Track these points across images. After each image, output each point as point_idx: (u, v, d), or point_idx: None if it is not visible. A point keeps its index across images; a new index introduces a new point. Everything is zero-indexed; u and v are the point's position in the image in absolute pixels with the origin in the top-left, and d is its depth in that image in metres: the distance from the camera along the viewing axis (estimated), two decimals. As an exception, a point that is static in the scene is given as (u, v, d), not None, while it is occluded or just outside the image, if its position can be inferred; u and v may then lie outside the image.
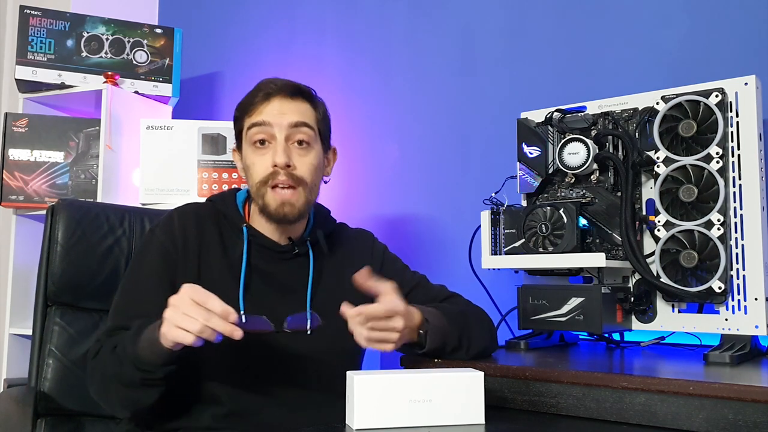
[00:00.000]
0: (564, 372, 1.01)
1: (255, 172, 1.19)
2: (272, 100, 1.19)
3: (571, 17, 1.76)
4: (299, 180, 1.19)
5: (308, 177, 1.20)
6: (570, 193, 1.38)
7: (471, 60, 1.92)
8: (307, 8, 2.27)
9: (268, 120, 1.18)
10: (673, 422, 0.91)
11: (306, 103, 1.22)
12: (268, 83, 1.21)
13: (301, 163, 1.19)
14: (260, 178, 1.18)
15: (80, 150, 2.11)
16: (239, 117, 1.23)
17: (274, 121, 1.18)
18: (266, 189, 1.18)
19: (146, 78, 2.20)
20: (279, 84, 1.21)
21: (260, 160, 1.19)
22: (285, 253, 1.24)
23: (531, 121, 1.43)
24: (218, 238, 1.22)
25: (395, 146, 2.03)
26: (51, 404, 1.35)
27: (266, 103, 1.19)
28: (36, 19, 2.10)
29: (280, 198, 1.17)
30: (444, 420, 0.93)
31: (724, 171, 1.20)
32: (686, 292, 1.20)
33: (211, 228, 1.23)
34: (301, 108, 1.21)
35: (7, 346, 2.08)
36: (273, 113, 1.18)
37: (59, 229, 1.38)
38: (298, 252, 1.24)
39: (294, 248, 1.24)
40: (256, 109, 1.20)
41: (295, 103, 1.21)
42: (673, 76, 1.56)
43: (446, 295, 1.34)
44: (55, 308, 1.41)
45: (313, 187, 1.22)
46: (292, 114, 1.19)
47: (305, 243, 1.25)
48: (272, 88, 1.20)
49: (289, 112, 1.19)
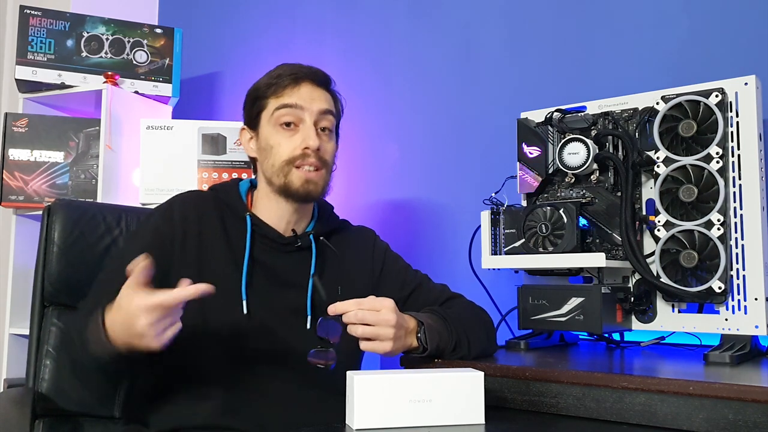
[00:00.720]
0: (564, 372, 1.01)
1: (281, 151, 1.20)
2: (302, 85, 1.22)
3: (571, 17, 1.76)
4: (325, 162, 1.22)
5: (330, 161, 1.24)
6: (570, 193, 1.38)
7: (471, 60, 1.92)
8: (307, 8, 2.27)
9: (300, 103, 1.20)
10: (673, 422, 0.91)
11: (329, 92, 1.26)
12: (295, 67, 1.24)
13: (326, 147, 1.23)
14: (287, 157, 1.20)
15: (80, 150, 2.11)
16: (261, 97, 1.24)
17: (306, 105, 1.21)
18: (291, 168, 1.20)
19: (146, 78, 2.20)
20: (309, 69, 1.24)
21: (287, 141, 1.20)
22: (288, 245, 1.24)
23: (531, 121, 1.43)
24: (220, 226, 1.21)
25: (395, 146, 2.03)
26: (49, 405, 1.35)
27: (296, 86, 1.22)
28: (36, 19, 2.10)
29: (305, 176, 1.19)
30: (444, 420, 0.93)
31: (724, 171, 1.20)
32: (686, 292, 1.20)
33: (213, 216, 1.22)
34: (327, 96, 1.25)
35: (7, 346, 2.08)
36: (304, 97, 1.21)
37: (56, 230, 1.38)
38: (300, 245, 1.24)
39: (297, 240, 1.24)
40: (285, 91, 1.21)
41: (322, 90, 1.24)
42: (673, 76, 1.55)
43: (448, 296, 1.34)
44: (53, 309, 1.40)
45: (331, 171, 1.26)
46: (321, 101, 1.23)
47: (308, 236, 1.25)
48: (303, 72, 1.23)
49: (318, 99, 1.22)
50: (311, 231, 1.26)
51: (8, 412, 1.29)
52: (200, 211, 1.22)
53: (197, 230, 1.20)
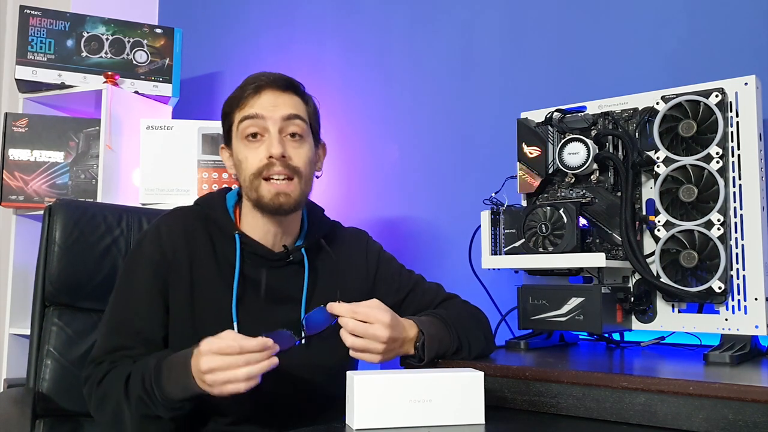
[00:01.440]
0: (564, 372, 1.01)
1: (248, 165, 1.16)
2: (263, 93, 1.17)
3: (571, 17, 1.76)
4: (295, 170, 1.16)
5: (303, 168, 1.18)
6: (570, 193, 1.38)
7: (471, 60, 1.92)
8: (307, 8, 2.27)
9: (261, 113, 1.15)
10: (673, 422, 0.91)
11: (296, 96, 1.20)
12: (258, 76, 1.19)
13: (295, 154, 1.17)
14: (254, 170, 1.15)
15: (80, 150, 2.11)
16: (228, 112, 1.20)
17: (267, 114, 1.16)
18: (260, 181, 1.15)
19: (146, 78, 2.20)
20: (269, 77, 1.18)
21: (253, 153, 1.16)
22: (279, 261, 1.21)
23: (531, 121, 1.43)
24: (209, 247, 1.19)
25: (395, 146, 2.03)
26: (50, 405, 1.35)
27: (257, 96, 1.17)
28: (36, 19, 2.10)
29: (275, 188, 1.14)
30: (444, 420, 0.93)
31: (724, 171, 1.20)
32: (686, 292, 1.20)
33: (201, 236, 1.19)
34: (292, 101, 1.19)
35: (7, 346, 2.08)
36: (265, 106, 1.16)
37: (57, 230, 1.38)
38: (291, 259, 1.22)
39: (288, 256, 1.21)
40: (246, 102, 1.17)
41: (286, 95, 1.18)
42: (673, 76, 1.56)
43: (443, 297, 1.33)
44: (53, 308, 1.40)
45: (308, 180, 1.20)
46: (285, 107, 1.17)
47: (299, 250, 1.22)
48: (262, 81, 1.18)
49: (282, 105, 1.17)
50: (302, 245, 1.23)
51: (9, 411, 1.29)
52: (188, 234, 1.19)
53: (186, 253, 1.17)
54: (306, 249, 1.23)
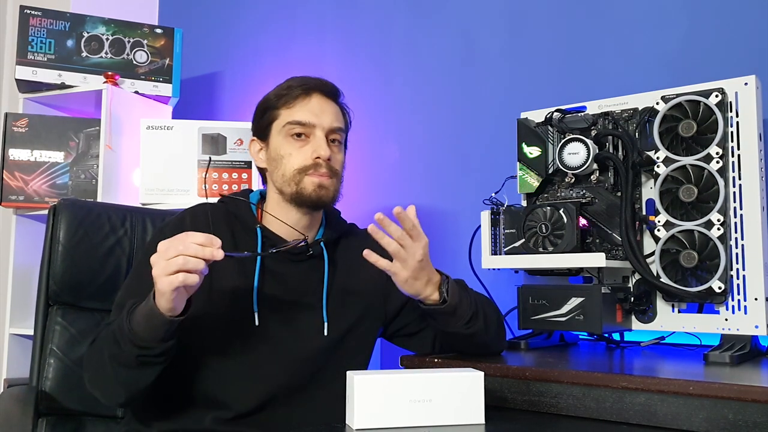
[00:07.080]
0: (564, 372, 1.01)
1: (292, 161, 1.22)
2: (313, 97, 1.24)
3: (571, 17, 1.76)
4: (335, 172, 1.25)
5: (340, 171, 1.28)
6: (570, 193, 1.38)
7: (471, 60, 1.92)
8: (307, 8, 2.27)
9: (310, 120, 1.22)
10: (673, 422, 0.91)
11: (338, 106, 1.28)
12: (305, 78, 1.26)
13: (336, 158, 1.25)
14: (299, 166, 1.21)
15: (80, 150, 2.11)
16: (272, 108, 1.25)
17: (316, 121, 1.22)
18: (303, 176, 1.21)
19: (146, 78, 2.20)
20: (317, 81, 1.26)
21: (299, 151, 1.22)
22: (299, 254, 1.24)
23: (531, 121, 1.43)
24: (230, 239, 1.22)
25: (395, 146, 2.03)
26: (52, 404, 1.35)
27: (307, 98, 1.23)
28: (36, 19, 2.10)
29: (318, 181, 1.21)
30: (444, 420, 0.93)
31: (724, 171, 1.20)
32: (686, 292, 1.20)
33: (224, 229, 1.23)
34: (336, 111, 1.27)
35: (8, 346, 2.08)
36: (315, 111, 1.23)
37: (61, 229, 1.38)
38: (312, 254, 1.25)
39: (308, 249, 1.24)
40: (296, 102, 1.23)
41: (332, 103, 1.27)
42: (673, 76, 1.56)
43: None
44: (57, 308, 1.41)
45: (341, 182, 1.29)
46: (331, 116, 1.25)
47: (319, 244, 1.26)
48: (312, 84, 1.24)
49: (329, 112, 1.25)
50: (321, 238, 1.27)
51: (12, 410, 1.29)
52: (211, 225, 1.23)
53: None
54: (324, 244, 1.27)
